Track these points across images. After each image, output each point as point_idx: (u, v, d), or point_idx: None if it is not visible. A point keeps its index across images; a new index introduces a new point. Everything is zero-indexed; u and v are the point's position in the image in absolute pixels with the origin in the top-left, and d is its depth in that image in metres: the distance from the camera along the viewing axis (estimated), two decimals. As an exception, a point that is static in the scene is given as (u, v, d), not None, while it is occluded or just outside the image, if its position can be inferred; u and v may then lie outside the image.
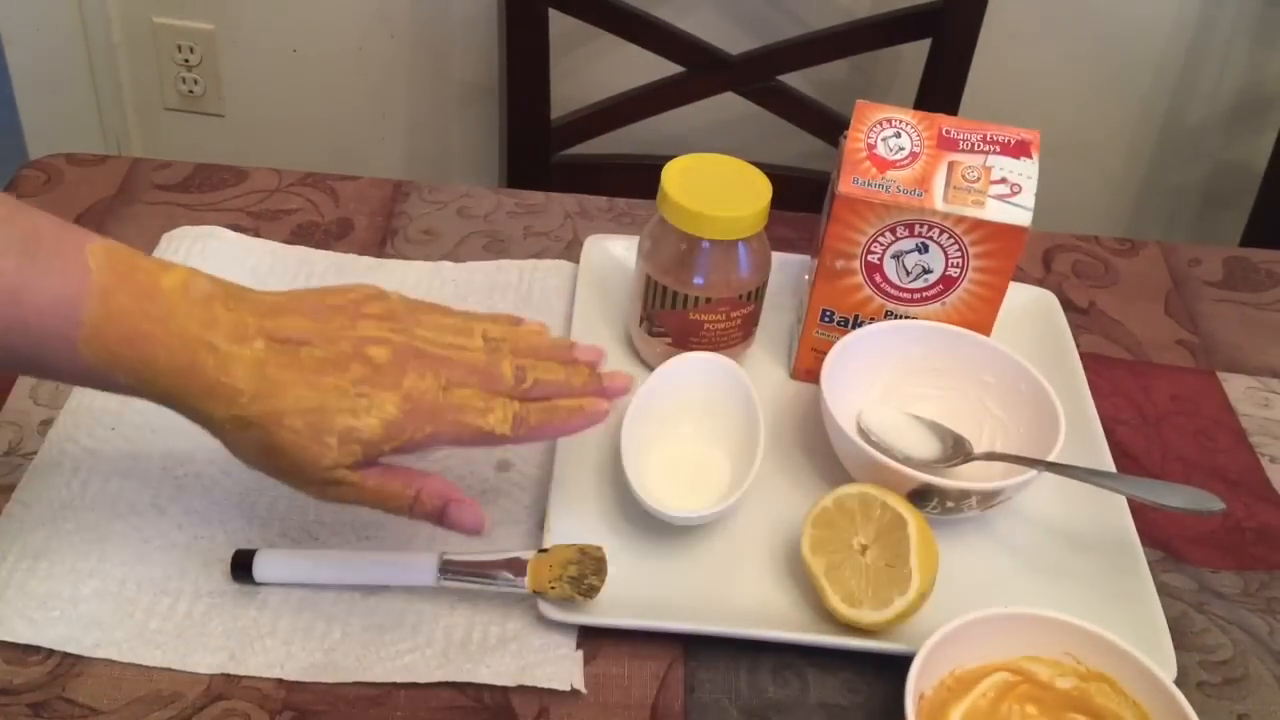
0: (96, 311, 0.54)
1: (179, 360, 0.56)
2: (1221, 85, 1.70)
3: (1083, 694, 0.63)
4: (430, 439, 0.59)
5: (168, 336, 0.55)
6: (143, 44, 1.75)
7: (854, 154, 0.76)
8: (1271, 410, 0.87)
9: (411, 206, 0.96)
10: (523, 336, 0.65)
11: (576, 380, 0.64)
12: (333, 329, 0.59)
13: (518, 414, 0.61)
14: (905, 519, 0.67)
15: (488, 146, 1.80)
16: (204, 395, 0.56)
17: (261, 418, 0.56)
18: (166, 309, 0.56)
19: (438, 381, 0.59)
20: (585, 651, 0.66)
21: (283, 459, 0.58)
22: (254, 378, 0.56)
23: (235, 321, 0.57)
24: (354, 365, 0.58)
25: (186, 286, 0.57)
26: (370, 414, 0.57)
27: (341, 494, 0.59)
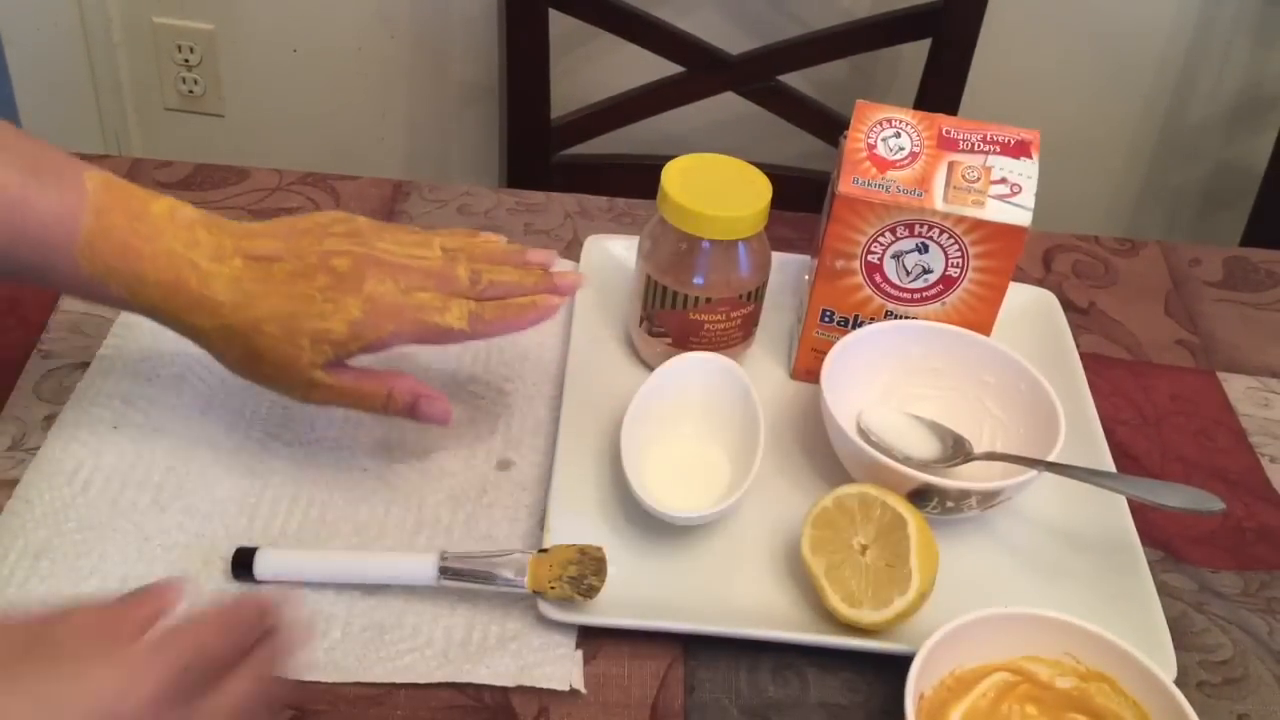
0: (92, 226, 0.61)
1: (165, 275, 0.63)
2: (1221, 85, 1.70)
3: (1083, 694, 0.63)
4: (393, 336, 0.65)
5: (155, 253, 0.63)
6: (143, 44, 1.75)
7: (854, 154, 0.76)
8: (1271, 410, 0.87)
9: (412, 206, 0.96)
10: (478, 245, 0.70)
11: (529, 280, 0.70)
12: (301, 246, 0.65)
13: (474, 311, 0.67)
14: (905, 519, 0.67)
15: (488, 146, 1.80)
16: (189, 308, 0.64)
17: (242, 326, 0.63)
18: (154, 229, 0.63)
19: (397, 285, 0.65)
20: (585, 651, 0.66)
21: (265, 364, 0.65)
22: (232, 291, 0.63)
23: (215, 243, 0.64)
24: (320, 275, 0.64)
25: (173, 212, 0.64)
26: (336, 316, 0.64)
27: (322, 395, 0.66)
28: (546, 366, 0.82)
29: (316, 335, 0.64)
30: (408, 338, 0.66)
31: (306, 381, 0.65)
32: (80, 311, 0.82)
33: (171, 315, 0.64)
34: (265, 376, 0.66)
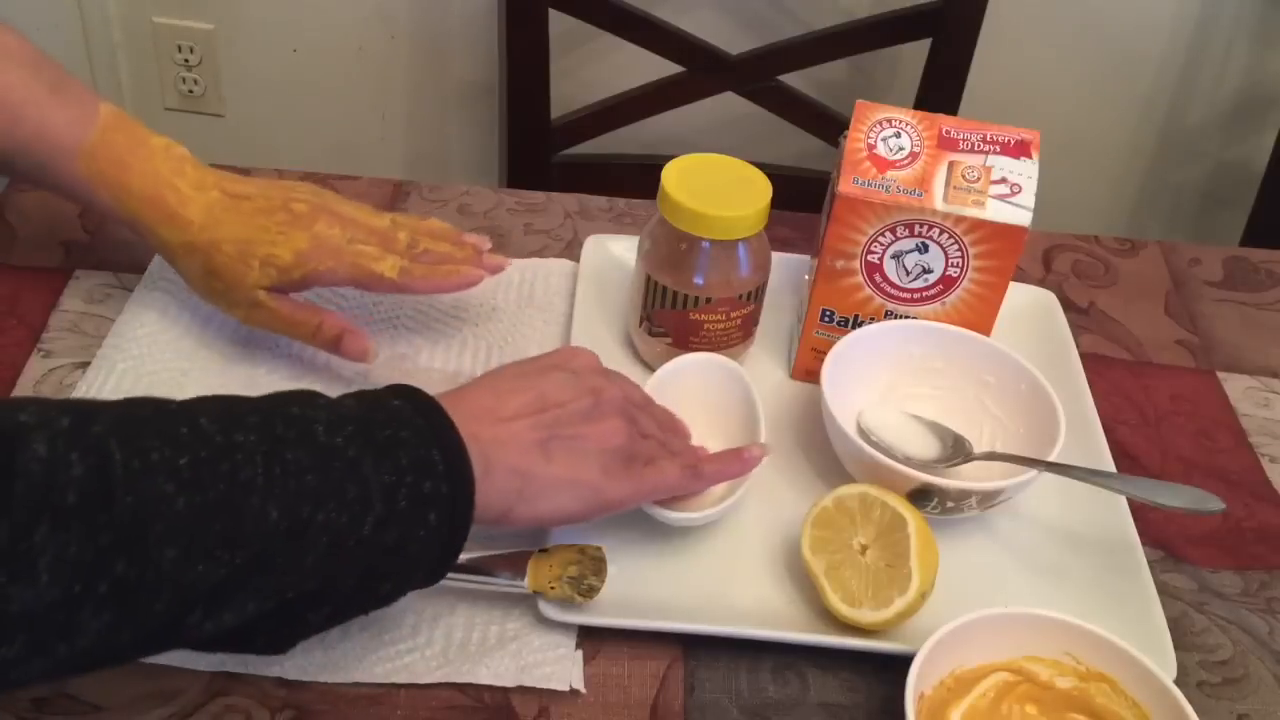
0: (96, 139, 0.72)
1: (148, 190, 0.73)
2: (1221, 85, 1.70)
3: (1083, 694, 0.63)
4: (329, 273, 0.74)
5: (143, 171, 0.73)
6: (143, 44, 1.75)
7: (854, 154, 0.76)
8: (1271, 410, 0.87)
9: (412, 206, 0.96)
10: (424, 223, 0.80)
11: (460, 254, 0.79)
12: (271, 193, 0.75)
13: (405, 267, 0.76)
14: (905, 519, 0.67)
15: (488, 146, 1.80)
16: (163, 222, 0.73)
17: (204, 245, 0.73)
18: (148, 153, 0.74)
19: (344, 234, 0.75)
20: (585, 651, 0.66)
21: (218, 280, 0.74)
22: (203, 214, 0.73)
23: (198, 176, 0.75)
24: (279, 213, 0.74)
25: (168, 147, 0.75)
26: (284, 245, 0.73)
27: (263, 317, 0.75)
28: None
29: (265, 259, 0.73)
30: (343, 278, 0.75)
31: (250, 300, 0.74)
32: (80, 311, 0.82)
33: (147, 226, 0.74)
34: (216, 292, 0.75)
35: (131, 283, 0.84)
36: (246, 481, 0.51)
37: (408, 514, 0.55)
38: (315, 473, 0.53)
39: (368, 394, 0.59)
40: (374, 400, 0.59)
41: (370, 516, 0.54)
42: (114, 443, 0.48)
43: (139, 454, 0.49)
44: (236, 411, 0.54)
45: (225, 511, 0.50)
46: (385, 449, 0.55)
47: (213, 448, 0.51)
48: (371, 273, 0.75)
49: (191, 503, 0.49)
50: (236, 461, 0.51)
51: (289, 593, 0.53)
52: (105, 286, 0.85)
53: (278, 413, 0.55)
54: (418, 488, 0.56)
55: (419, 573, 0.59)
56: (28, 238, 0.88)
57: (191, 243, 0.73)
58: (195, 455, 0.50)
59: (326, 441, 0.54)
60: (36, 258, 0.87)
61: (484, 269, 0.79)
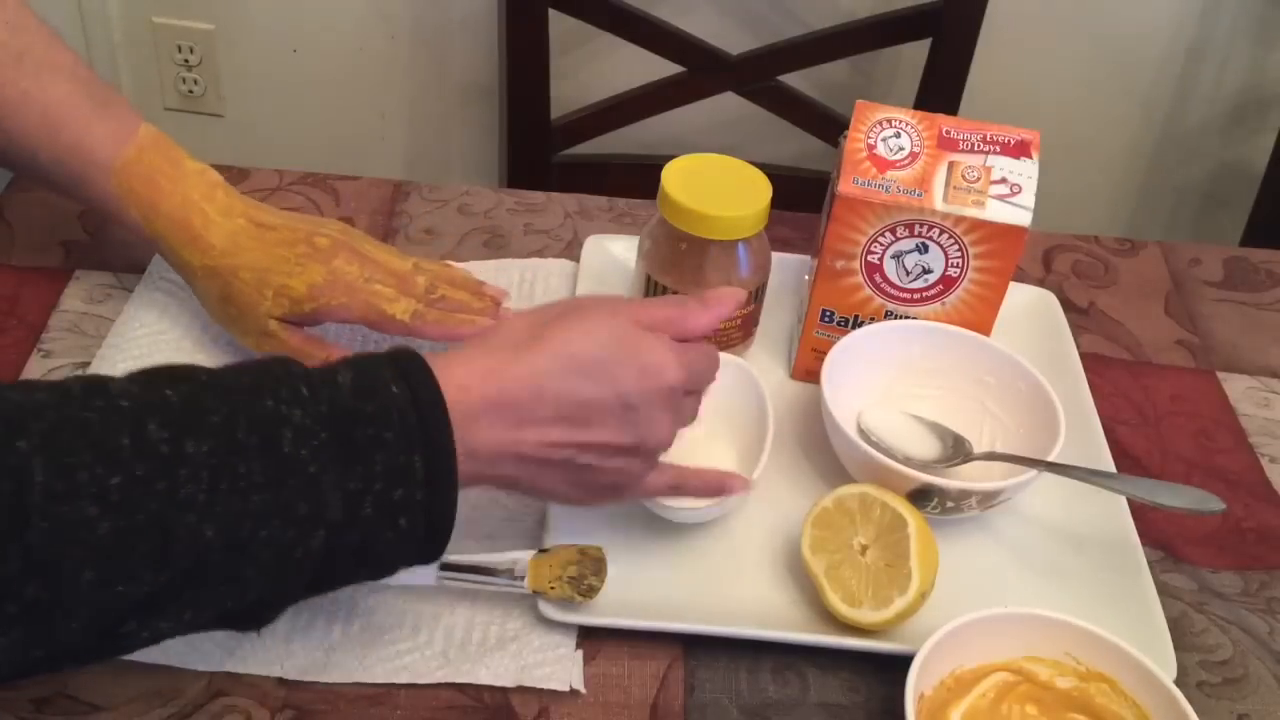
0: (131, 155, 0.73)
1: (176, 212, 0.74)
2: (1221, 85, 1.70)
3: (1083, 694, 0.63)
4: (343, 308, 0.74)
5: (174, 191, 0.74)
6: (143, 44, 1.75)
7: (854, 154, 0.76)
8: (1271, 410, 0.87)
9: (412, 206, 0.96)
10: (445, 270, 0.80)
11: (477, 305, 0.78)
12: (297, 226, 0.75)
13: (419, 311, 0.75)
14: (905, 519, 0.67)
15: (488, 146, 1.80)
16: (187, 244, 0.74)
17: (224, 269, 0.74)
18: (181, 175, 0.74)
19: (362, 272, 0.75)
20: (585, 651, 0.66)
21: (232, 305, 0.74)
22: (226, 239, 0.74)
23: (228, 203, 0.75)
24: (300, 245, 0.74)
25: (203, 171, 0.76)
26: (300, 277, 0.73)
27: (272, 346, 0.75)
28: None
29: (279, 289, 0.73)
30: (355, 315, 0.74)
31: (261, 328, 0.74)
32: (80, 311, 0.82)
33: (171, 247, 0.74)
34: (230, 318, 0.76)
35: (131, 283, 0.84)
36: (185, 499, 0.49)
37: (372, 520, 0.53)
38: (265, 490, 0.50)
39: (368, 370, 0.55)
40: (371, 383, 0.54)
41: (322, 532, 0.52)
42: (38, 462, 0.46)
43: (64, 474, 0.46)
44: (199, 407, 0.51)
45: (154, 531, 0.48)
46: (358, 454, 0.53)
47: (153, 462, 0.48)
48: (383, 313, 0.74)
49: (116, 526, 0.47)
50: (178, 478, 0.48)
51: (228, 602, 0.52)
52: (105, 286, 0.85)
53: (245, 408, 0.51)
54: (387, 495, 0.53)
55: (397, 565, 0.57)
56: (28, 238, 0.88)
57: (212, 267, 0.74)
58: (130, 474, 0.47)
59: (290, 453, 0.51)
60: (36, 258, 0.87)
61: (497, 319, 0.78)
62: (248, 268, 0.73)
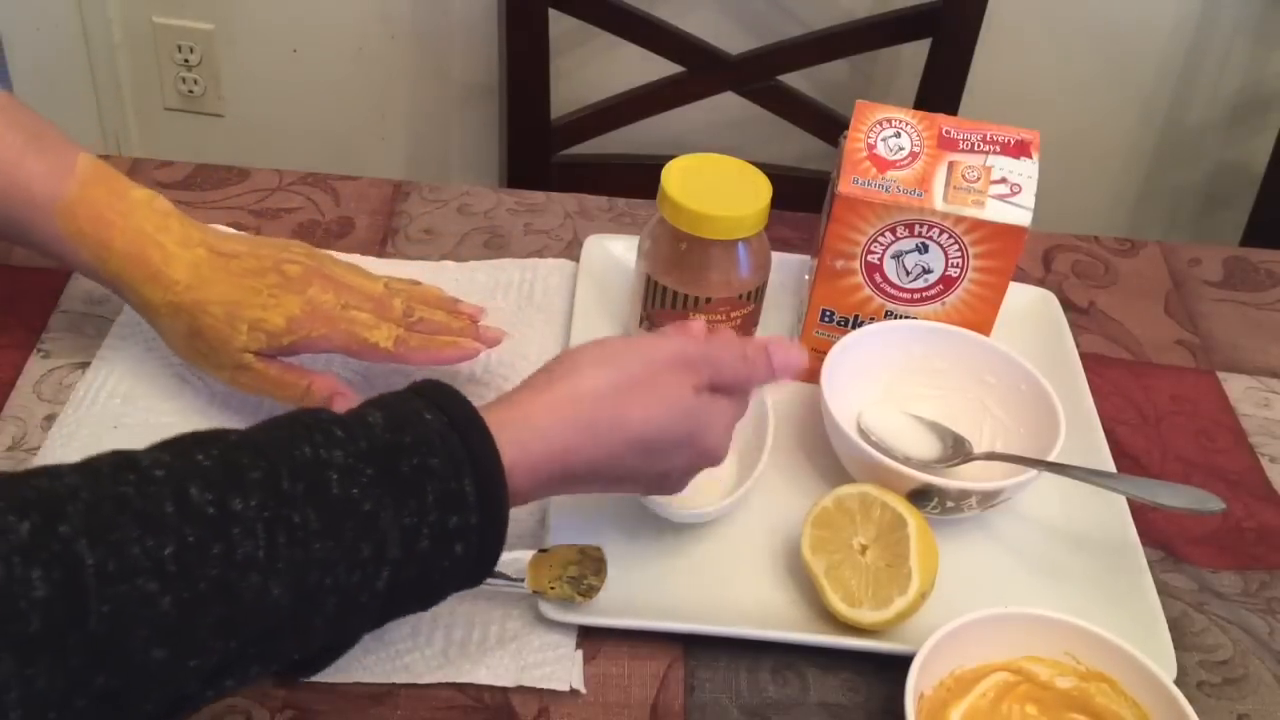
0: (74, 193, 0.68)
1: (132, 248, 0.69)
2: (1221, 85, 1.69)
3: (1083, 694, 0.63)
4: (323, 339, 0.71)
5: (126, 227, 0.69)
6: (143, 44, 1.75)
7: (854, 154, 0.76)
8: (1271, 410, 0.87)
9: (412, 206, 0.96)
10: (418, 290, 0.76)
11: (456, 324, 0.76)
12: (261, 253, 0.72)
13: (400, 336, 0.72)
14: (905, 519, 0.67)
15: (488, 146, 1.80)
16: (147, 281, 0.69)
17: (190, 305, 0.69)
18: (129, 207, 0.70)
19: (338, 299, 0.71)
20: (585, 651, 0.66)
21: (202, 342, 0.70)
22: (189, 274, 0.69)
23: (184, 233, 0.71)
24: (271, 275, 0.70)
25: (151, 200, 0.71)
26: (276, 310, 0.70)
27: (249, 379, 0.71)
28: None
29: (255, 323, 0.69)
30: (336, 345, 0.71)
31: (236, 363, 0.70)
32: (80, 312, 0.82)
33: (129, 286, 0.70)
34: (199, 354, 0.71)
35: (131, 283, 0.84)
36: (245, 559, 0.46)
37: (430, 552, 0.52)
38: (325, 537, 0.49)
39: (397, 405, 0.54)
40: (403, 416, 0.53)
41: (386, 571, 0.51)
42: (84, 544, 0.43)
43: (115, 552, 0.44)
44: (237, 465, 0.48)
45: (220, 598, 0.46)
46: (409, 486, 0.51)
47: (204, 525, 0.46)
48: (365, 341, 0.71)
49: (179, 599, 0.45)
50: (233, 538, 0.46)
51: (295, 654, 0.51)
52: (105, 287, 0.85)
53: (285, 459, 0.50)
54: (443, 525, 0.52)
55: (447, 592, 0.56)
56: (28, 238, 0.88)
57: (175, 303, 0.69)
58: (182, 541, 0.45)
59: (341, 494, 0.50)
60: (36, 258, 0.86)
61: (481, 341, 0.75)
62: (216, 301, 0.69)
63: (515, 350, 0.83)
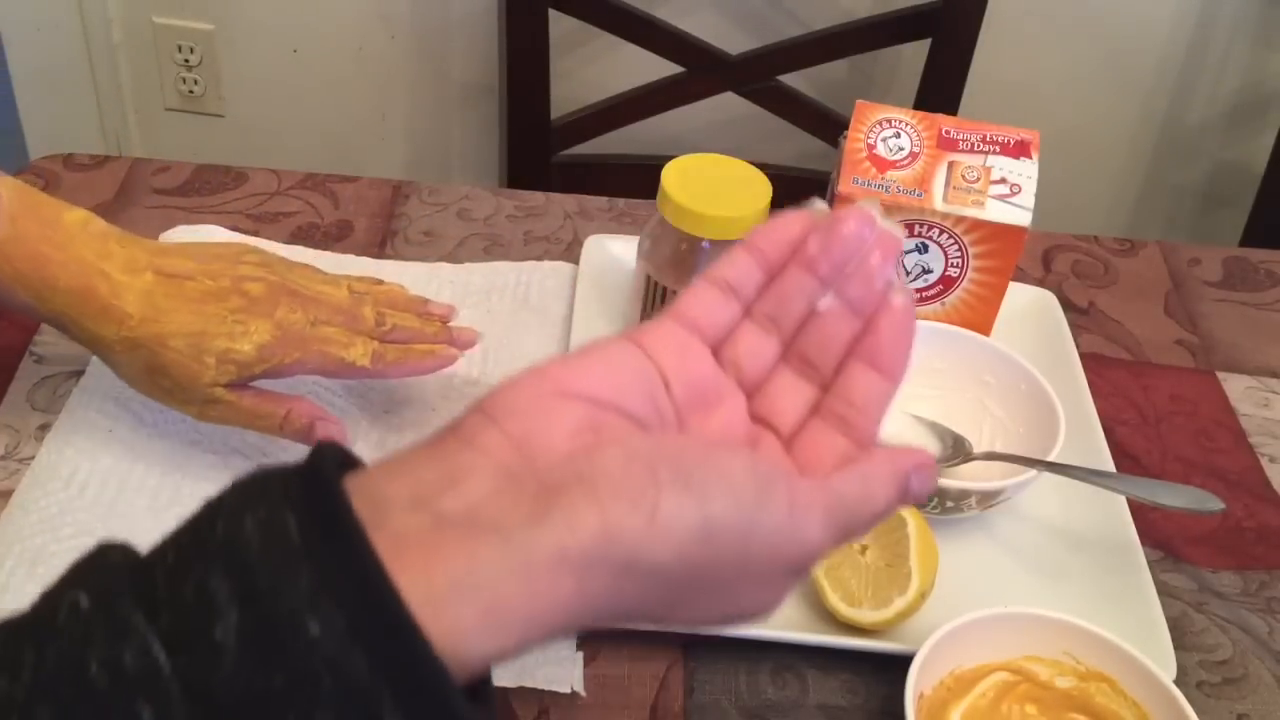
0: (5, 233, 0.62)
1: (75, 283, 0.63)
2: (1221, 85, 1.70)
3: (1083, 694, 0.63)
4: (298, 364, 0.66)
5: (66, 260, 0.63)
6: (143, 44, 1.75)
7: (854, 154, 0.76)
8: (1271, 410, 0.87)
9: (411, 208, 0.96)
10: (383, 291, 0.72)
11: (429, 329, 0.72)
12: (214, 269, 0.66)
13: (377, 350, 0.68)
14: (905, 519, 0.67)
15: (488, 146, 1.80)
16: (96, 317, 0.63)
17: (148, 339, 0.63)
18: (66, 237, 0.63)
19: (307, 316, 0.66)
20: (585, 653, 0.66)
21: (165, 378, 0.64)
22: (142, 304, 0.63)
23: (128, 256, 0.64)
24: (233, 297, 0.65)
25: (86, 223, 0.64)
26: (245, 339, 0.64)
27: (220, 413, 0.66)
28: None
29: (223, 354, 0.64)
30: (311, 368, 0.67)
31: (205, 398, 0.65)
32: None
33: (76, 323, 0.64)
34: (163, 390, 0.66)
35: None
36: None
37: None
38: None
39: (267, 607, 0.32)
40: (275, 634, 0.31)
41: None
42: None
43: None
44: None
45: None
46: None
47: None
48: (341, 361, 0.67)
49: None
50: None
51: None
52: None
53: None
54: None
55: None
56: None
57: (131, 338, 0.63)
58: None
59: None
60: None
61: (456, 345, 0.73)
62: (177, 334, 0.63)
63: (511, 355, 0.83)
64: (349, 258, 0.89)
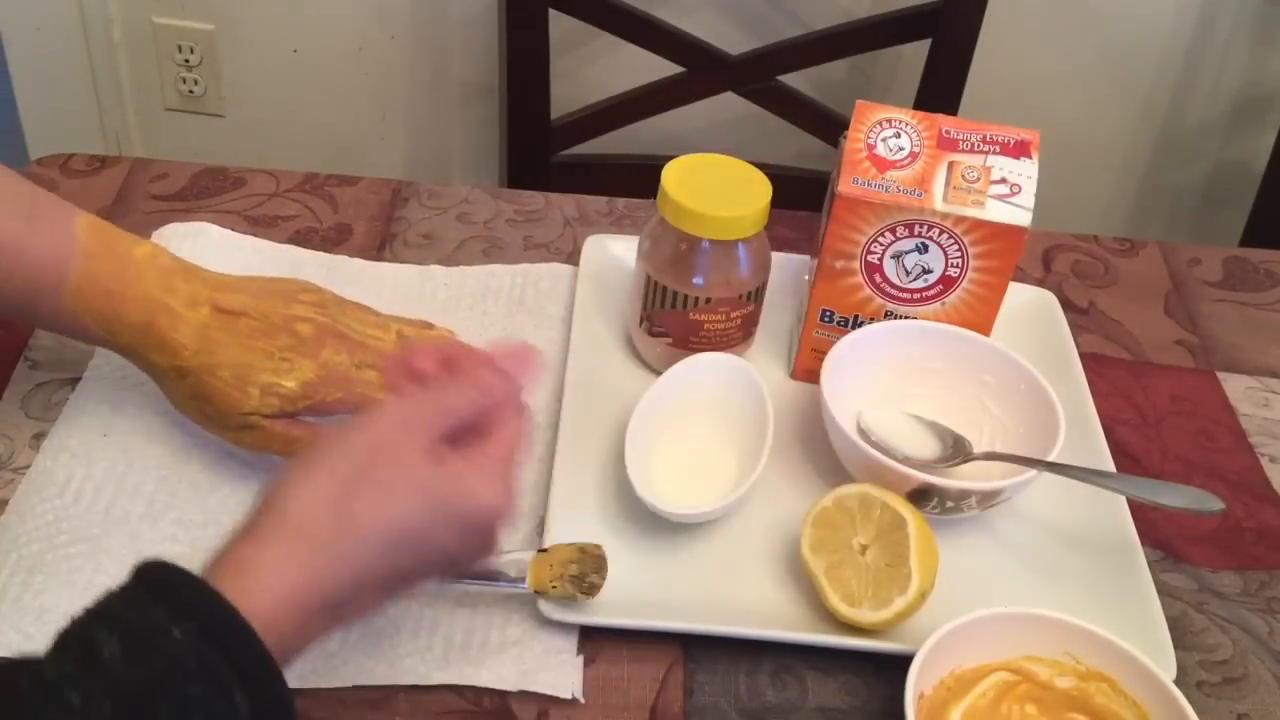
0: (80, 270, 0.65)
1: (141, 318, 0.66)
2: (1221, 85, 1.69)
3: (1083, 694, 0.63)
4: (339, 404, 0.69)
5: (135, 297, 0.66)
6: (143, 44, 1.75)
7: (854, 154, 0.76)
8: (1271, 410, 0.87)
9: (410, 211, 0.95)
10: (431, 337, 0.75)
11: None
12: (267, 307, 0.69)
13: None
14: (905, 519, 0.67)
15: (488, 146, 1.80)
16: (155, 348, 0.67)
17: (197, 369, 0.67)
18: (136, 274, 0.67)
19: (352, 359, 0.69)
20: (585, 654, 0.66)
21: (209, 404, 0.68)
22: (197, 337, 0.67)
23: (190, 291, 0.68)
24: (282, 335, 0.68)
25: (154, 257, 0.68)
26: (291, 375, 0.68)
27: (254, 438, 0.69)
28: (546, 367, 0.82)
29: (268, 387, 0.67)
30: (352, 407, 0.69)
31: (242, 424, 0.68)
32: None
33: (139, 353, 0.68)
34: (204, 416, 0.69)
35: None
36: None
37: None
38: None
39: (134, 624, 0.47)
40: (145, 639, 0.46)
41: None
42: None
43: None
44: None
45: None
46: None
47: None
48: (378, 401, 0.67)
49: None
50: None
51: None
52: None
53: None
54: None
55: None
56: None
57: (183, 367, 0.67)
58: None
59: None
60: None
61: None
62: (226, 365, 0.67)
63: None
64: (341, 258, 0.89)
